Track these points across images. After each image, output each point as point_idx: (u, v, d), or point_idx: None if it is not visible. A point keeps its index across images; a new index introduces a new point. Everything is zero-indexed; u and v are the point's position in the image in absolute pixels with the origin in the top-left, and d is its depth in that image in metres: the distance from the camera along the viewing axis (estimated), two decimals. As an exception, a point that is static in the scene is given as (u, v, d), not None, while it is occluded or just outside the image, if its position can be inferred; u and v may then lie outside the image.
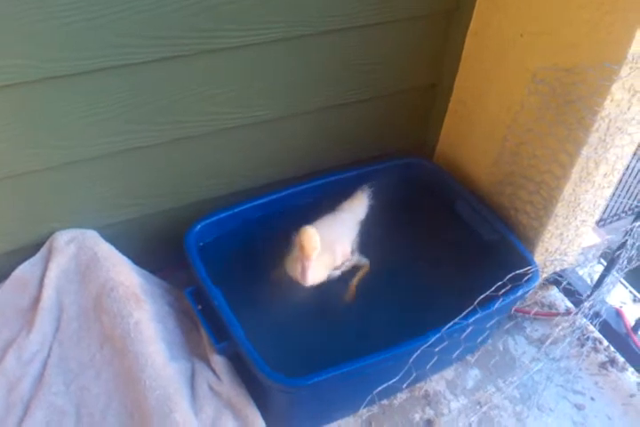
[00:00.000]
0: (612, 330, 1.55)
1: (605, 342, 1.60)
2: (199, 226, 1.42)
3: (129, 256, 1.42)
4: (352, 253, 1.46)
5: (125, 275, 1.34)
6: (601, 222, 1.81)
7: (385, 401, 1.44)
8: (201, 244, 1.43)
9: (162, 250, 1.51)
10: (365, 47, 1.42)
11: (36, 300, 1.33)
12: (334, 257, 1.41)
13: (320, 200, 1.54)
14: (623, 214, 1.84)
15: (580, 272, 1.66)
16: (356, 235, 1.49)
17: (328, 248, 1.36)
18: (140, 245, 1.51)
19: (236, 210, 1.48)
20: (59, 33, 1.08)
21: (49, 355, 1.28)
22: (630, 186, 1.81)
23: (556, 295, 1.70)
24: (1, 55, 1.07)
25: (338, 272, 1.43)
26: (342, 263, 1.44)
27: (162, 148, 1.37)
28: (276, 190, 1.53)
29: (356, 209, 1.52)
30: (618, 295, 1.70)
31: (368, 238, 1.50)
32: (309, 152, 1.58)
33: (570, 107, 1.27)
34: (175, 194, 1.48)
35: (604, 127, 1.25)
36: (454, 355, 1.25)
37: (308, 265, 1.30)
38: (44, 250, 1.38)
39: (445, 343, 1.18)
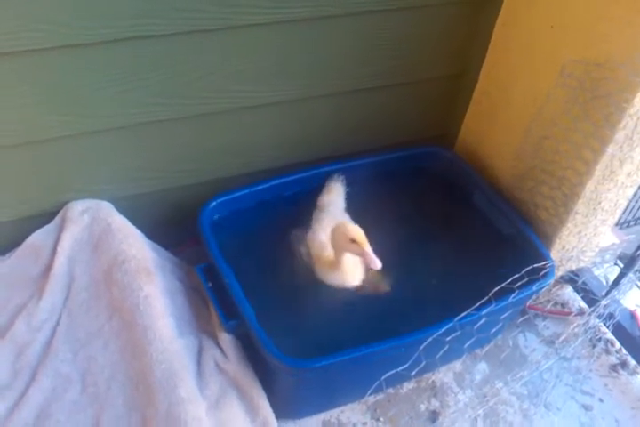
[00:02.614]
0: (626, 332, 1.53)
1: (617, 344, 1.58)
2: (214, 203, 1.41)
3: (142, 230, 1.42)
4: None
5: (138, 248, 1.34)
6: (623, 224, 1.78)
7: (391, 390, 1.43)
8: (215, 221, 1.42)
9: (175, 226, 1.50)
10: (391, 32, 1.40)
11: (48, 268, 1.33)
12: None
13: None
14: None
15: (596, 272, 1.64)
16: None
17: None
18: (153, 219, 1.50)
19: (253, 189, 1.47)
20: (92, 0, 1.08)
21: (58, 323, 1.28)
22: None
23: (569, 294, 1.67)
24: (25, 20, 1.06)
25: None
26: None
27: (182, 123, 1.36)
28: (294, 172, 1.52)
29: (338, 201, 1.50)
30: (632, 298, 1.67)
31: (383, 227, 1.48)
32: (329, 136, 1.57)
33: (597, 102, 1.24)
34: (192, 170, 1.47)
35: (631, 125, 1.23)
36: (465, 346, 1.24)
37: (369, 250, 1.26)
38: (58, 219, 1.38)
39: (458, 333, 1.17)
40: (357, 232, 1.27)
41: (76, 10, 1.09)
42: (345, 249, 1.29)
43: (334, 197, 1.50)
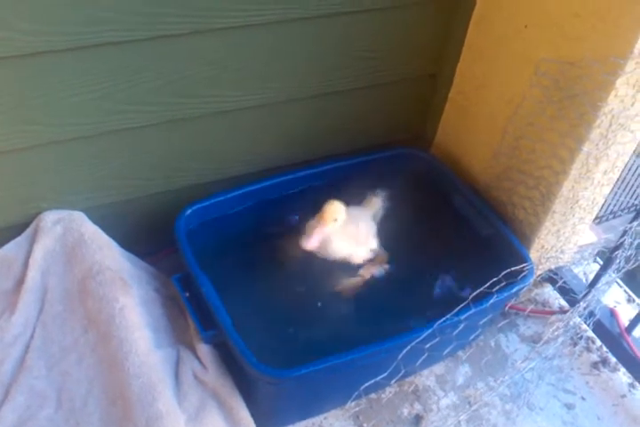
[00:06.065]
0: (606, 330, 1.54)
1: (598, 342, 1.58)
2: (190, 210, 1.39)
3: (116, 239, 1.39)
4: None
5: (112, 259, 1.31)
6: (597, 220, 1.79)
7: (373, 395, 1.42)
8: (191, 229, 1.39)
9: (150, 234, 1.47)
10: (364, 33, 1.39)
11: (20, 281, 1.29)
12: (358, 231, 1.40)
13: (313, 189, 1.52)
14: (621, 212, 1.82)
15: (575, 270, 1.64)
16: (376, 231, 1.46)
17: (352, 222, 1.37)
18: (128, 228, 1.47)
19: (228, 195, 1.44)
20: (51, 6, 1.05)
21: (32, 337, 1.25)
22: (629, 184, 1.79)
23: (549, 293, 1.68)
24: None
25: (361, 254, 1.42)
26: (366, 246, 1.42)
27: (154, 129, 1.33)
28: (270, 177, 1.49)
29: (368, 213, 1.50)
30: (612, 295, 1.68)
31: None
32: (304, 140, 1.55)
33: (572, 101, 1.24)
34: (166, 177, 1.45)
35: (606, 123, 1.23)
36: (445, 351, 1.23)
37: (319, 231, 1.30)
38: (29, 230, 1.35)
39: (437, 339, 1.16)
40: (328, 209, 1.32)
41: (36, 16, 1.05)
42: None
43: (370, 210, 1.50)
